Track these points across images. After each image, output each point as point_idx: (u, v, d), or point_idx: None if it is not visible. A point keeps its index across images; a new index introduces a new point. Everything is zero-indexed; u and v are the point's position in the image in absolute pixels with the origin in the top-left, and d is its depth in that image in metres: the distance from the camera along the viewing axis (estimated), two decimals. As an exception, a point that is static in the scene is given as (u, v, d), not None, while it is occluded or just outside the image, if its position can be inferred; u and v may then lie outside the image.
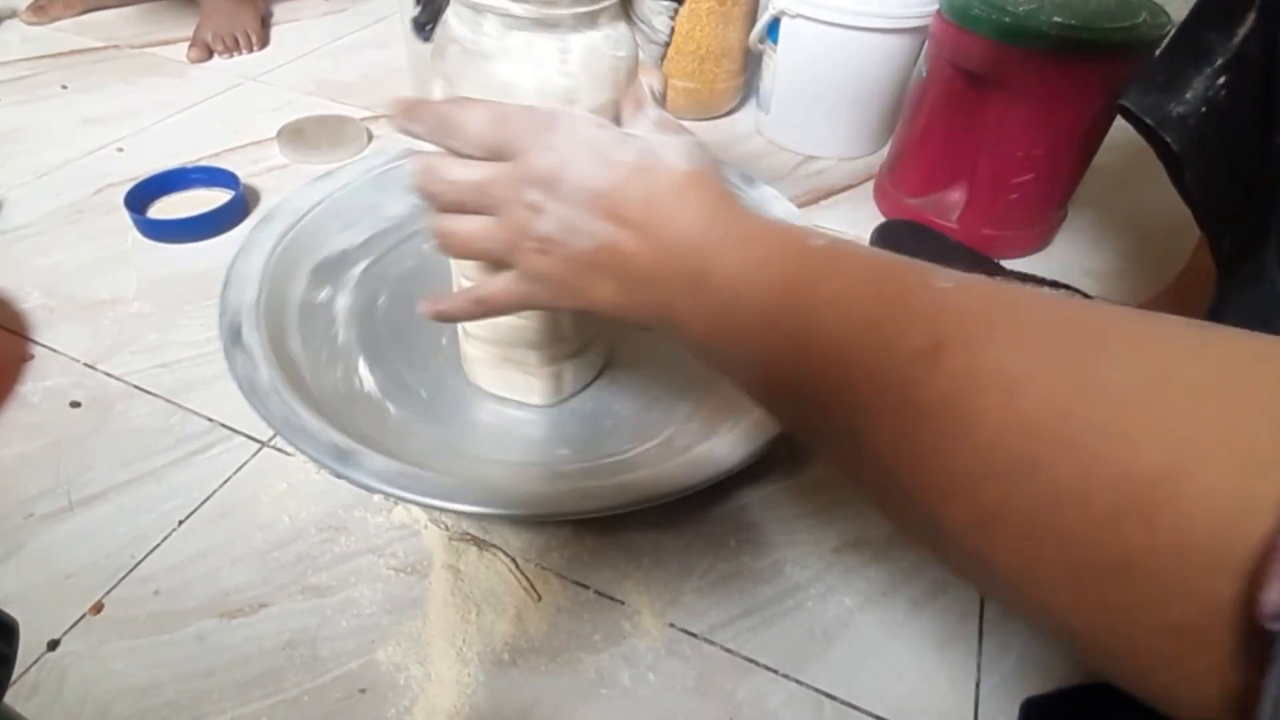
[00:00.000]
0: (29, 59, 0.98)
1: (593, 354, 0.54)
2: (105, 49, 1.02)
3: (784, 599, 0.45)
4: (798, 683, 0.41)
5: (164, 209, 0.72)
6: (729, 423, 0.49)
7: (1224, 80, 0.43)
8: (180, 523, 0.47)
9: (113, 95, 0.91)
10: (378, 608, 0.43)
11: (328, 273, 0.60)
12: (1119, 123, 0.49)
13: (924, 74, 0.74)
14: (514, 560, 0.46)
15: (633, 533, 0.47)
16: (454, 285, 0.50)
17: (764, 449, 0.46)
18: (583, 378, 0.54)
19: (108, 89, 0.93)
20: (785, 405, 0.29)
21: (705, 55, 0.89)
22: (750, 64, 0.94)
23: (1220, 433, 0.17)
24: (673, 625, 0.43)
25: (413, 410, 0.53)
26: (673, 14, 0.42)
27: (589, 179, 0.31)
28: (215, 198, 0.72)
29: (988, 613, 0.45)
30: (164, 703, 0.39)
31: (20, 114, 0.87)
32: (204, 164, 0.76)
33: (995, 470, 0.20)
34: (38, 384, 0.55)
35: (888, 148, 0.85)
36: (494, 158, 0.33)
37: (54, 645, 0.40)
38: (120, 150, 0.81)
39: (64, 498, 0.47)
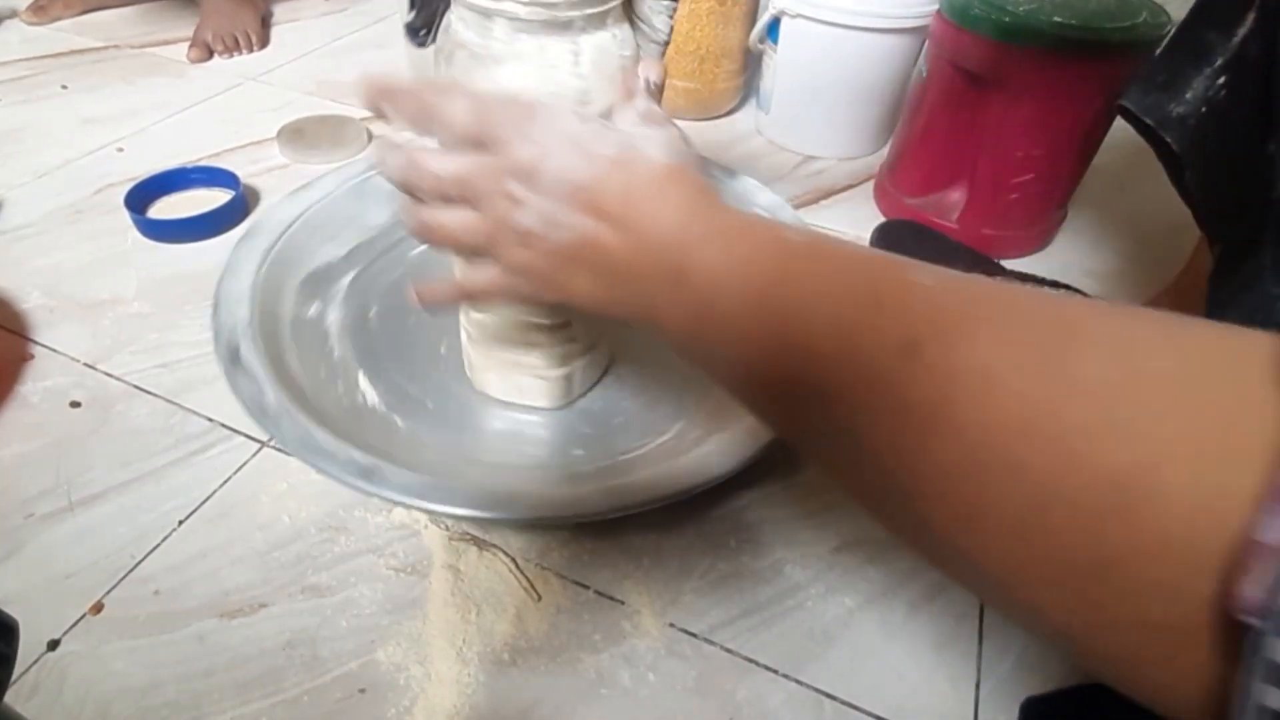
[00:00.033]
0: (29, 59, 0.98)
1: (598, 353, 0.54)
2: (105, 49, 1.02)
3: (784, 599, 0.45)
4: (798, 683, 0.41)
5: (164, 209, 0.72)
6: (740, 411, 0.48)
7: (1224, 80, 0.43)
8: (180, 523, 0.47)
9: (113, 95, 0.91)
10: (378, 608, 0.43)
11: (315, 287, 0.58)
12: (1119, 123, 0.49)
13: (924, 74, 0.74)
14: (514, 560, 0.46)
15: (633, 533, 0.47)
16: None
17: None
18: (591, 377, 0.54)
19: (108, 89, 0.93)
20: (767, 404, 0.29)
21: (705, 55, 0.89)
22: (750, 64, 0.95)
23: (1194, 428, 0.17)
24: (673, 625, 0.43)
25: (421, 421, 0.52)
26: (671, 13, 0.42)
27: (568, 171, 0.31)
28: (215, 198, 0.72)
29: (987, 613, 0.45)
30: (164, 703, 0.39)
31: (20, 114, 0.87)
32: (204, 164, 0.76)
33: (975, 469, 0.20)
34: (38, 384, 0.55)
35: (888, 148, 0.85)
36: (475, 148, 0.33)
37: (54, 645, 0.40)
38: (120, 150, 0.81)
39: (64, 498, 0.47)
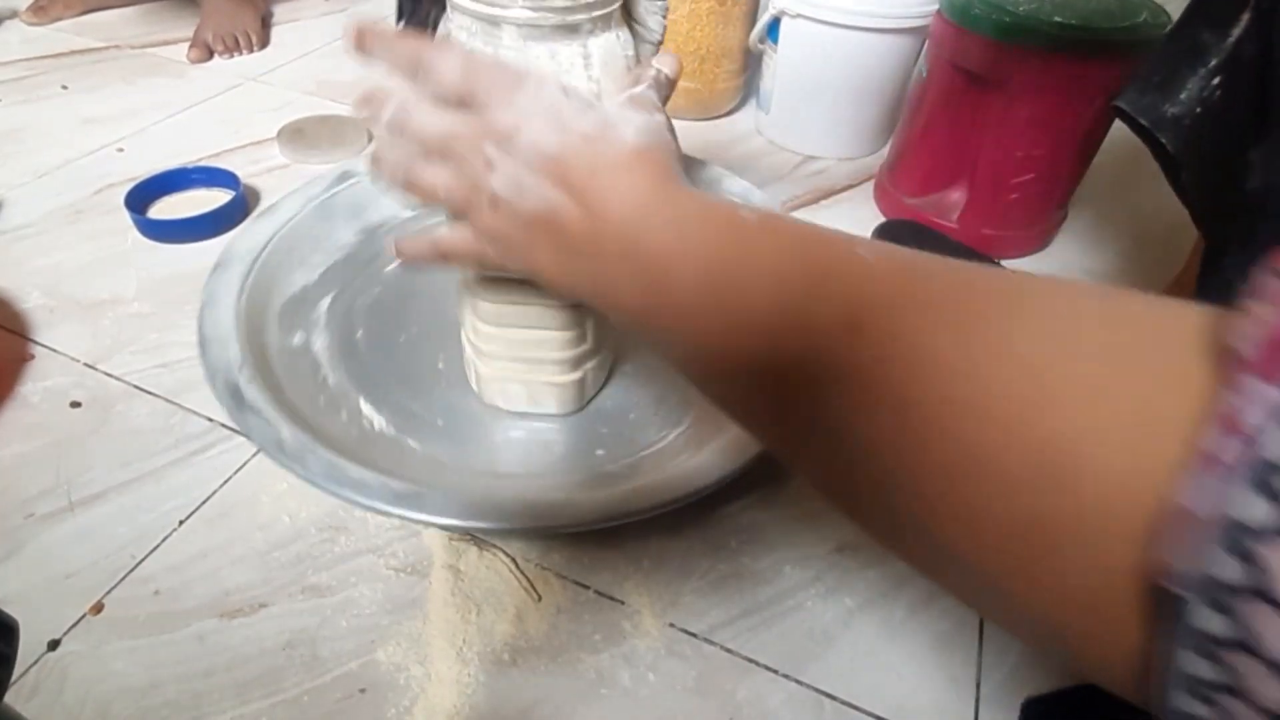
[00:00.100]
0: (29, 59, 0.98)
1: (604, 353, 0.54)
2: (105, 49, 1.02)
3: (784, 599, 0.45)
4: (798, 683, 0.41)
5: (164, 209, 0.72)
6: None
7: (1219, 81, 0.43)
8: (180, 523, 0.47)
9: (113, 95, 0.91)
10: (378, 608, 0.43)
11: (294, 315, 0.57)
12: (1119, 123, 0.49)
13: (924, 74, 0.74)
14: (514, 560, 0.46)
15: (633, 533, 0.47)
16: (460, 302, 0.50)
17: None
18: (601, 378, 0.54)
19: (108, 89, 0.93)
20: (717, 384, 0.29)
21: (705, 55, 0.89)
22: (750, 64, 0.94)
23: (1120, 399, 0.17)
24: (673, 625, 0.43)
25: (435, 441, 0.51)
26: (664, 13, 0.42)
27: (541, 142, 0.31)
28: (215, 198, 0.72)
29: (987, 613, 0.45)
30: (164, 703, 0.39)
31: (20, 114, 0.87)
32: (204, 164, 0.76)
33: (913, 440, 0.20)
34: (38, 384, 0.55)
35: (888, 148, 0.85)
36: (459, 106, 0.33)
37: (54, 645, 0.40)
38: (120, 150, 0.81)
39: (64, 498, 0.47)
